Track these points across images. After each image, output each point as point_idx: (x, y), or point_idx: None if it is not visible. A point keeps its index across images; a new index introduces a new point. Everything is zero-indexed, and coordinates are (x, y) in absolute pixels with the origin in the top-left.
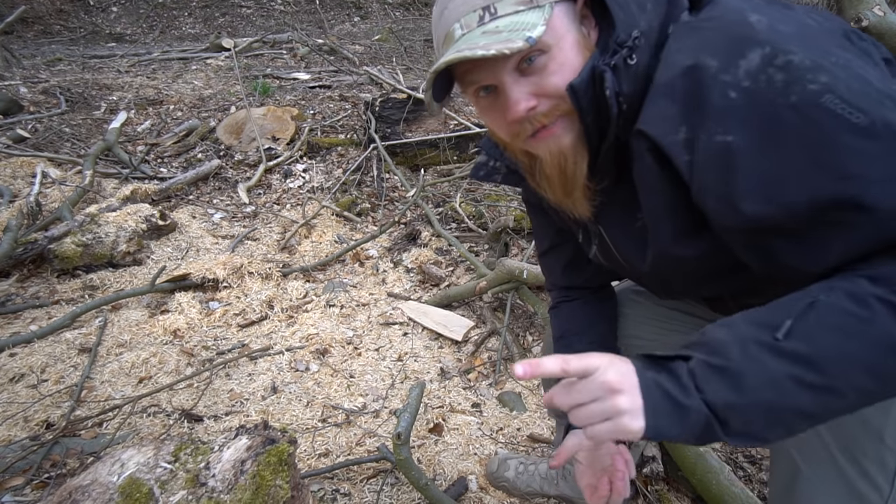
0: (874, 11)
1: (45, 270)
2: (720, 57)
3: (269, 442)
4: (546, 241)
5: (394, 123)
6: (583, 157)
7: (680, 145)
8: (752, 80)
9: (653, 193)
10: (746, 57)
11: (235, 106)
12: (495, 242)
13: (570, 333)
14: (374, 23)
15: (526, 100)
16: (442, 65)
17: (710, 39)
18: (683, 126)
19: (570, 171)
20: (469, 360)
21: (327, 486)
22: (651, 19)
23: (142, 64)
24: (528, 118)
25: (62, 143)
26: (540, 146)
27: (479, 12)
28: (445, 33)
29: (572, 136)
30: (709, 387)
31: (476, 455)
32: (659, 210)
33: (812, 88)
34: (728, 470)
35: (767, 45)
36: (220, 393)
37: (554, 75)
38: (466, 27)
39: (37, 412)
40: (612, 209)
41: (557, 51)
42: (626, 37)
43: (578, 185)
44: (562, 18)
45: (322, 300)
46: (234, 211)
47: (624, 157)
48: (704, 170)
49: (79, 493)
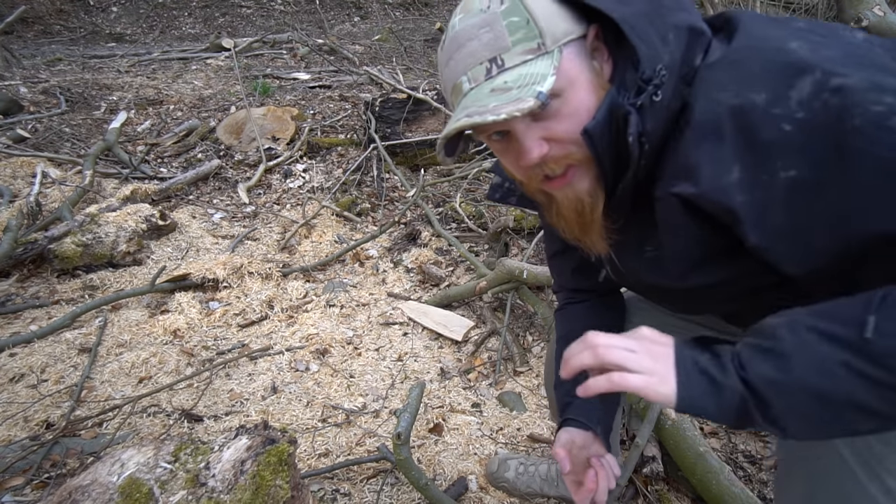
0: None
1: (45, 270)
2: (767, 90)
3: (269, 442)
4: (556, 245)
5: (394, 123)
6: (599, 199)
7: (733, 186)
8: (806, 110)
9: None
10: (795, 87)
11: (235, 106)
12: (495, 242)
13: (574, 334)
14: (374, 23)
15: (539, 146)
16: (453, 130)
17: (751, 73)
18: (737, 165)
19: (588, 214)
20: (469, 360)
21: (327, 486)
22: (673, 51)
23: (142, 64)
24: (539, 165)
25: (62, 143)
26: (556, 191)
27: (486, 65)
28: (453, 85)
29: (588, 181)
30: (751, 364)
31: (476, 455)
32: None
33: (877, 110)
34: (728, 470)
35: (817, 70)
36: (220, 393)
37: (566, 120)
38: (474, 81)
39: (37, 412)
40: (623, 240)
41: (571, 94)
42: (651, 73)
43: (595, 227)
44: (572, 60)
45: (322, 300)
46: (234, 211)
47: (637, 192)
48: (773, 210)
49: (79, 493)
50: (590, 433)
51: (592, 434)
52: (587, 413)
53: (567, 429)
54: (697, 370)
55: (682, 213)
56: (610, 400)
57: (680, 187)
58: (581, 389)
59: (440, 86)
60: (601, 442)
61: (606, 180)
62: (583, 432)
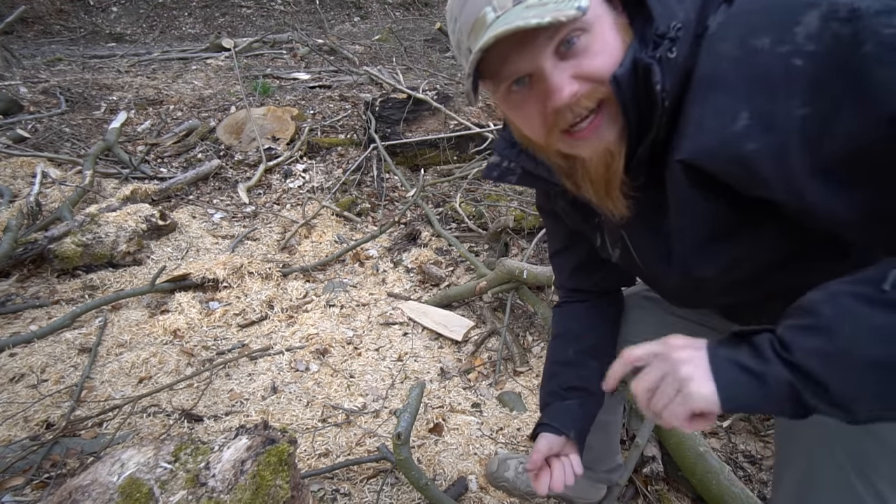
0: None
1: (45, 270)
2: (771, 33)
3: (269, 442)
4: (557, 243)
5: (394, 123)
6: (622, 152)
7: (741, 134)
8: (817, 42)
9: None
10: (802, 22)
11: (235, 106)
12: (495, 242)
13: (567, 333)
14: (374, 23)
15: (570, 84)
16: (492, 39)
17: (755, 22)
18: (744, 112)
19: (614, 167)
20: (469, 360)
21: (327, 486)
22: (689, 10)
23: (142, 64)
24: (570, 106)
25: (62, 143)
26: (583, 146)
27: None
28: (473, 21)
29: (616, 131)
30: (795, 344)
31: (476, 455)
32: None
33: (888, 32)
34: (728, 470)
35: (823, 3)
36: (220, 393)
37: (597, 56)
38: (501, 8)
39: (37, 412)
40: (638, 215)
41: (600, 29)
42: (666, 28)
43: (617, 183)
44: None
45: (322, 300)
46: (234, 211)
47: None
48: (793, 153)
49: (79, 493)
50: (562, 438)
51: (565, 438)
52: (562, 418)
53: (545, 435)
54: (734, 366)
55: (686, 185)
56: (591, 404)
57: (683, 150)
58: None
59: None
60: (574, 445)
61: (630, 136)
62: (558, 438)
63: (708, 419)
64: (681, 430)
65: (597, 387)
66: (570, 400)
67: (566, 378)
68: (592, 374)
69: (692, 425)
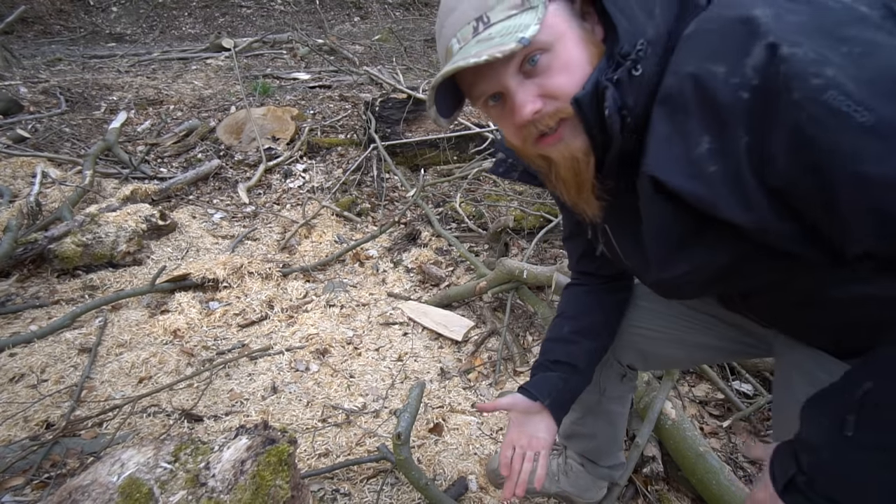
0: None
1: (45, 270)
2: (726, 61)
3: (269, 442)
4: (567, 229)
5: (394, 123)
6: (590, 161)
7: (704, 157)
8: (761, 77)
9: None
10: (751, 54)
11: (235, 106)
12: (495, 242)
13: (565, 315)
14: (374, 23)
15: (532, 102)
16: (439, 79)
17: (712, 43)
18: (705, 137)
19: (583, 173)
20: (469, 360)
21: (327, 486)
22: (659, 25)
23: (142, 64)
24: (533, 122)
25: (62, 143)
26: (551, 150)
27: (473, 23)
28: (445, 49)
29: (580, 142)
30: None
31: (476, 455)
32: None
33: (815, 84)
34: (728, 470)
35: (771, 36)
36: (220, 393)
37: (559, 75)
38: (463, 40)
39: (37, 412)
40: (616, 212)
41: (561, 48)
42: (629, 48)
43: (588, 187)
44: (558, 16)
45: (322, 300)
46: (234, 211)
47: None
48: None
49: (79, 493)
50: (536, 403)
51: (539, 405)
52: (539, 387)
53: (514, 394)
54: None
55: (652, 193)
56: (574, 381)
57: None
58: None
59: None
60: (549, 414)
61: (596, 147)
62: (528, 401)
63: None
64: None
65: (585, 364)
66: (555, 372)
67: (554, 352)
68: (582, 351)
69: None
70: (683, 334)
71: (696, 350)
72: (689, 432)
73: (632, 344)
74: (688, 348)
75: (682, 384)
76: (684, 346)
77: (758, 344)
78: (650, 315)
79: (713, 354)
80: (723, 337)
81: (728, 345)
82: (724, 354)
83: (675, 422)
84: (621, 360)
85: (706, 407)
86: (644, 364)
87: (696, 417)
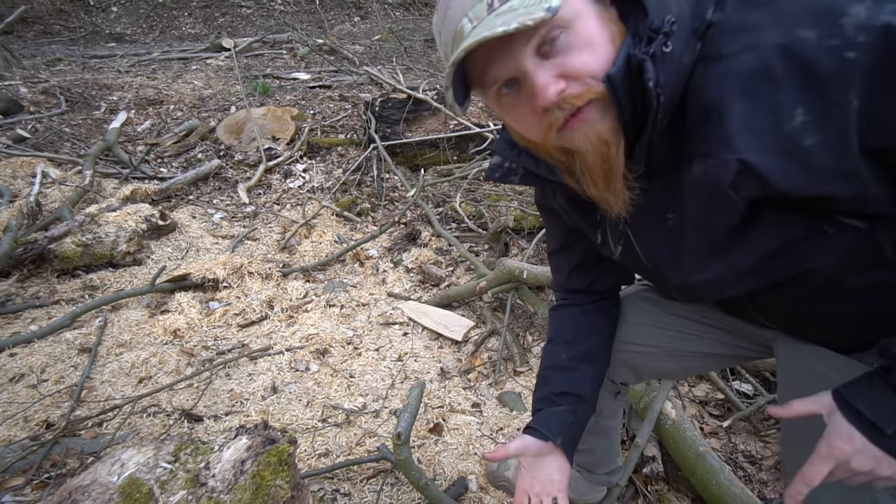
0: None
1: (45, 270)
2: (815, 26)
3: (269, 442)
4: (555, 242)
5: (394, 123)
6: (620, 143)
7: (799, 131)
8: (867, 33)
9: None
10: (848, 14)
11: (235, 106)
12: (495, 242)
13: (561, 338)
14: (374, 23)
15: (555, 83)
16: (462, 52)
17: (791, 11)
18: (799, 108)
19: (613, 158)
20: (469, 360)
21: (327, 486)
22: (682, 3)
23: (142, 64)
24: (558, 103)
25: (62, 143)
26: (577, 136)
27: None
28: (453, 33)
29: (608, 122)
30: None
31: (476, 455)
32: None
33: None
34: (728, 470)
35: None
36: (220, 393)
37: (581, 53)
38: (476, 19)
39: (37, 412)
40: (642, 211)
41: (581, 25)
42: (661, 22)
43: (618, 174)
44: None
45: (322, 300)
46: (234, 211)
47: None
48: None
49: (79, 493)
50: (548, 443)
51: (551, 444)
52: (548, 424)
53: (525, 436)
54: None
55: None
56: (582, 411)
57: (739, 151)
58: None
59: (440, 50)
60: (562, 453)
61: (627, 133)
62: (539, 442)
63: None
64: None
65: (589, 392)
66: (562, 406)
67: (558, 383)
68: (584, 379)
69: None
70: (675, 345)
71: (688, 360)
72: (689, 432)
73: (624, 362)
74: (680, 359)
75: (682, 384)
76: (677, 358)
77: (752, 347)
78: (640, 330)
79: (706, 363)
80: (717, 343)
81: (723, 350)
82: (718, 361)
83: (675, 422)
84: (614, 378)
85: (706, 407)
86: (636, 378)
87: (696, 417)
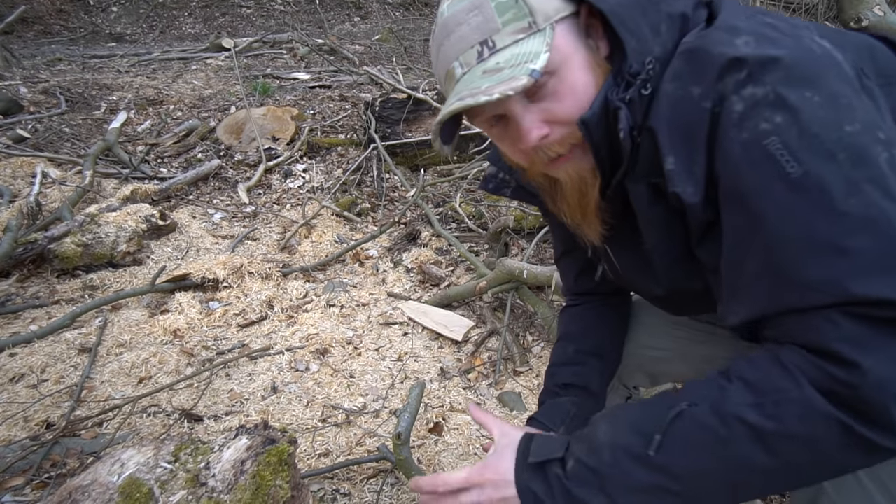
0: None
1: (45, 270)
2: (703, 84)
3: (269, 442)
4: (561, 247)
5: (394, 123)
6: (596, 183)
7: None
8: (719, 105)
9: (652, 225)
10: (724, 80)
11: (235, 106)
12: (495, 242)
13: (568, 337)
14: (374, 23)
15: (538, 128)
16: (446, 115)
17: (695, 67)
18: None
19: (589, 194)
20: (469, 360)
21: (327, 486)
22: (665, 42)
23: (142, 64)
24: (541, 147)
25: (62, 143)
26: (559, 171)
27: (478, 48)
28: (446, 71)
29: (588, 164)
30: (577, 484)
31: (476, 455)
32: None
33: (763, 128)
34: None
35: (744, 70)
36: (220, 393)
37: (565, 100)
38: (466, 65)
39: (37, 412)
40: (618, 232)
41: (567, 71)
42: (639, 67)
43: (593, 209)
44: (565, 37)
45: (322, 300)
46: (234, 211)
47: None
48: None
49: (79, 493)
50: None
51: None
52: (550, 414)
53: (527, 427)
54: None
55: (652, 201)
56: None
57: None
58: None
59: (435, 75)
60: None
61: (603, 168)
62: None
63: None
64: None
65: (596, 387)
66: (565, 398)
67: (562, 376)
68: (592, 372)
69: None
70: (687, 348)
71: (702, 363)
72: None
73: (638, 366)
74: (693, 363)
75: (681, 383)
76: (690, 361)
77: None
78: (654, 333)
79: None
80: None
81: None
82: None
83: None
84: (627, 383)
85: None
86: (652, 383)
87: None
